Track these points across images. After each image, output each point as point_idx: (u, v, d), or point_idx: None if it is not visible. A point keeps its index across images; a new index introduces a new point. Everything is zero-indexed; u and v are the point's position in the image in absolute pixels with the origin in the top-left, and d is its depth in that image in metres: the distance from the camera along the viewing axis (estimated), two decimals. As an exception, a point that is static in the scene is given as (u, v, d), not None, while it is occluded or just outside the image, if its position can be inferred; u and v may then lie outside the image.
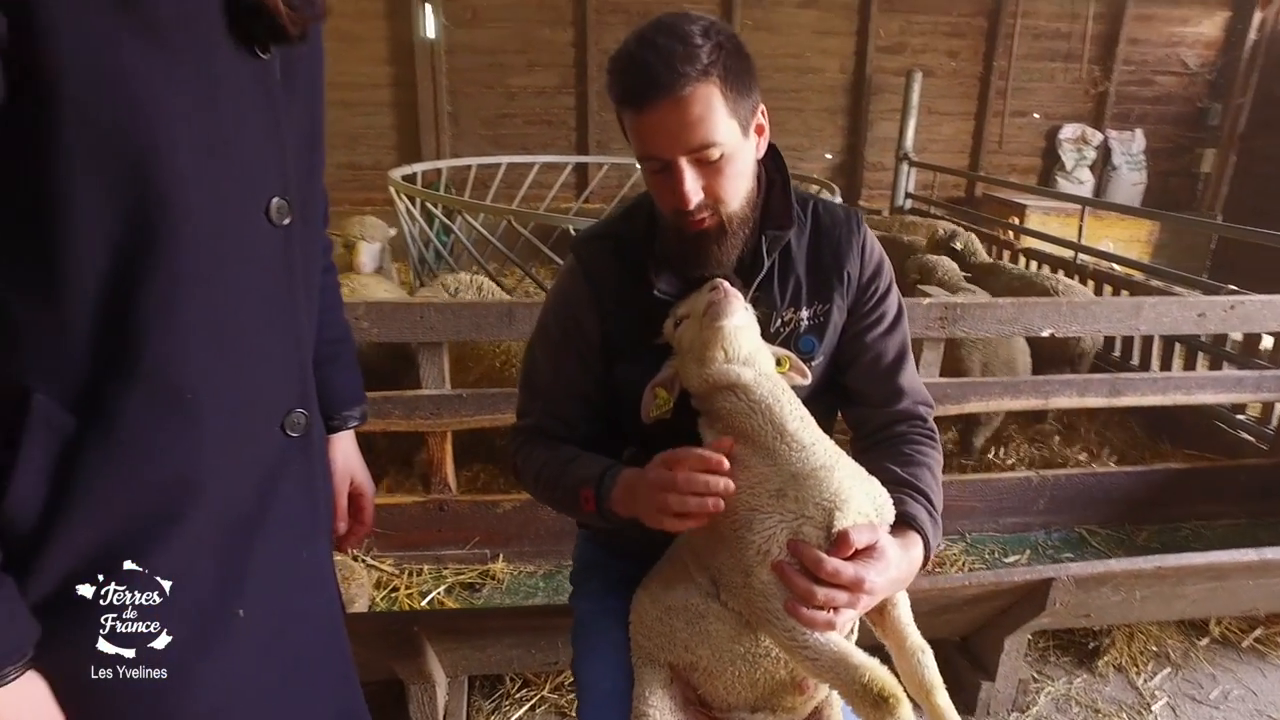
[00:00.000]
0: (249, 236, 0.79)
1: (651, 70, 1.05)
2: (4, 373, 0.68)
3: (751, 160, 1.19)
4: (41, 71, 0.62)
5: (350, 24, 7.05)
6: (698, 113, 1.06)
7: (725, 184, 1.13)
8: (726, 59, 1.08)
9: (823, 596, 0.99)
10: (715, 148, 1.09)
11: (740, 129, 1.13)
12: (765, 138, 1.23)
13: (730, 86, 1.09)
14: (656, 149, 1.10)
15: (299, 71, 0.85)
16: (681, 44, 1.05)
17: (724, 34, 1.11)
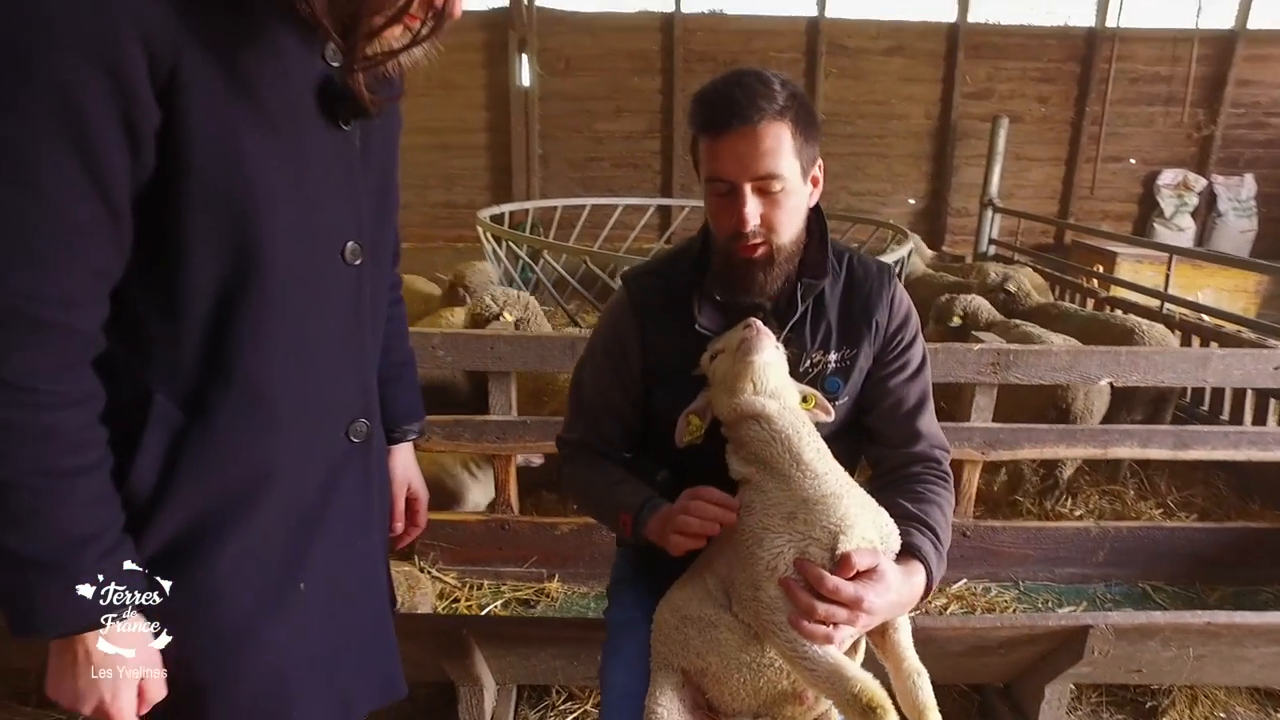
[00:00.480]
0: (326, 273, 0.97)
1: (735, 102, 1.19)
2: (134, 377, 0.87)
3: (804, 203, 1.30)
4: (178, 146, 0.81)
5: (452, 73, 7.58)
6: (768, 145, 1.20)
7: (780, 216, 1.25)
8: (799, 108, 1.22)
9: (823, 612, 1.07)
10: (778, 180, 1.22)
11: (801, 171, 1.25)
12: (819, 190, 1.35)
13: (799, 131, 1.22)
14: (726, 172, 1.22)
15: (375, 139, 1.04)
16: (764, 85, 1.20)
17: (798, 91, 1.25)
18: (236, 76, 0.82)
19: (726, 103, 1.19)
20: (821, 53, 7.21)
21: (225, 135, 0.83)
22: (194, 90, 0.79)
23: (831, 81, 7.33)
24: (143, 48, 0.75)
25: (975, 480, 2.64)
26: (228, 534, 0.93)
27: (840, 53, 7.29)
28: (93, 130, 0.75)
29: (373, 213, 1.04)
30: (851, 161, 7.52)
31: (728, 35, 7.32)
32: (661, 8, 7.33)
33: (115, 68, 0.74)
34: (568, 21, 7.42)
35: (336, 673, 1.06)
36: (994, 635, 1.89)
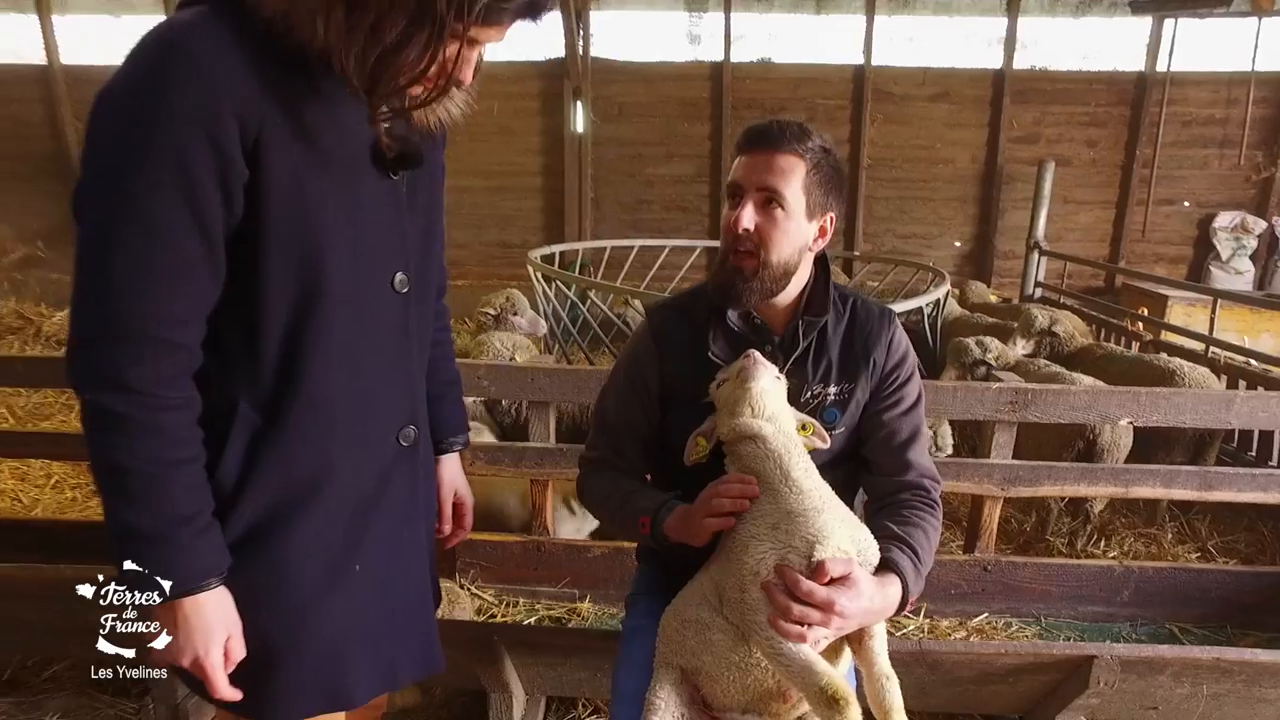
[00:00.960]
0: (378, 300, 1.17)
1: (771, 131, 1.41)
2: (222, 387, 1.07)
3: (803, 237, 1.45)
4: (259, 196, 1.01)
5: (510, 119, 7.98)
6: (781, 167, 1.39)
7: (774, 233, 1.41)
8: (824, 160, 1.42)
9: (797, 612, 1.20)
10: (779, 199, 1.39)
11: (807, 208, 1.42)
12: (825, 240, 1.51)
13: (814, 173, 1.41)
14: (741, 177, 1.42)
15: (420, 186, 1.23)
16: (802, 130, 1.41)
17: (833, 151, 1.46)
18: (306, 138, 1.02)
19: (765, 130, 1.41)
20: (868, 99, 7.37)
21: (295, 186, 1.02)
22: (273, 151, 1.00)
23: (877, 127, 7.48)
24: (237, 120, 0.96)
25: (996, 516, 2.70)
26: (296, 521, 1.11)
27: (886, 99, 7.45)
28: (198, 186, 0.95)
29: (418, 249, 1.23)
30: (897, 205, 7.62)
31: (775, 83, 7.55)
32: (711, 57, 7.61)
33: (216, 137, 0.95)
34: (622, 71, 7.76)
35: (385, 644, 1.23)
36: (999, 662, 1.96)
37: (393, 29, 0.96)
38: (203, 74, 0.94)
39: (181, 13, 0.99)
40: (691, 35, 7.63)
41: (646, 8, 7.64)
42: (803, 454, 1.35)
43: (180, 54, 0.94)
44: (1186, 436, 3.41)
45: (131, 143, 0.93)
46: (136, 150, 0.93)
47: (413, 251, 1.21)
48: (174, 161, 0.94)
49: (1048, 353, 4.39)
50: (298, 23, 0.94)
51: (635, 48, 7.76)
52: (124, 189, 0.94)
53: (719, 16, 7.45)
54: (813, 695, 1.18)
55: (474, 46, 1.06)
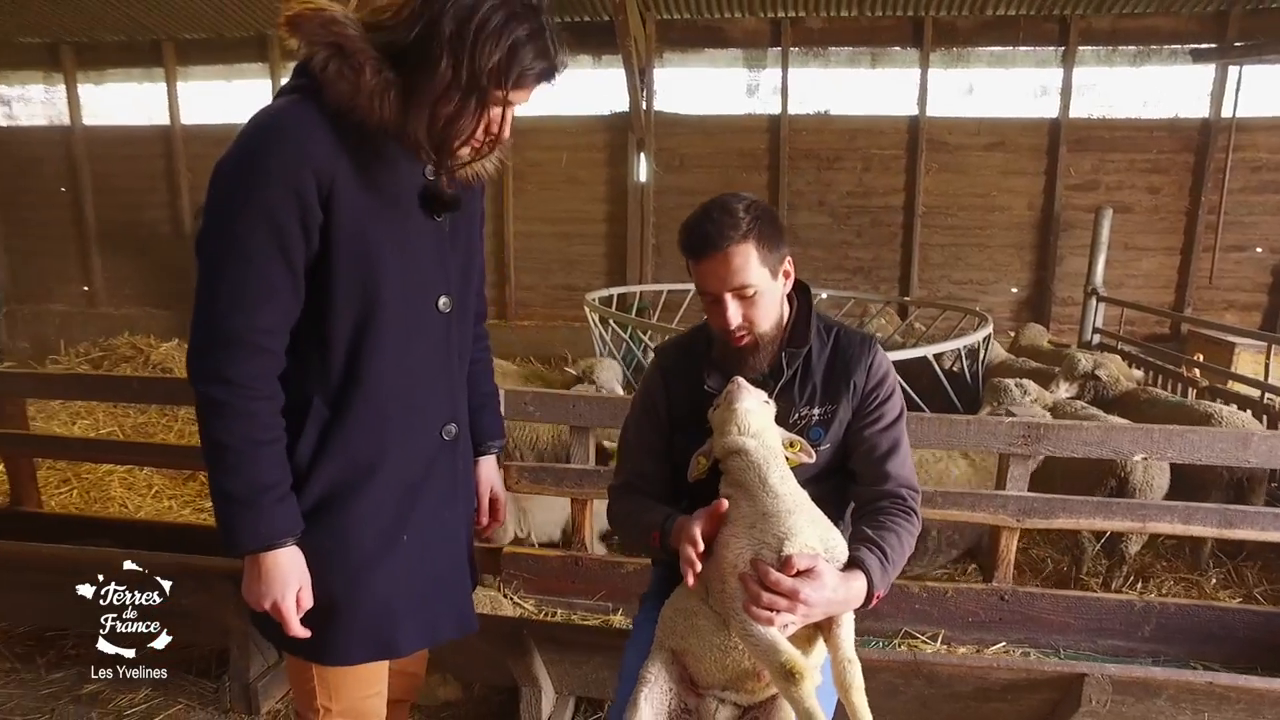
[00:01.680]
0: (424, 318, 1.44)
1: (706, 234, 1.55)
2: (299, 386, 1.36)
3: (779, 296, 1.65)
4: (330, 234, 1.29)
5: (577, 169, 8.45)
6: (737, 263, 1.54)
7: (758, 313, 1.61)
8: (761, 226, 1.57)
9: (766, 599, 1.39)
10: (750, 288, 1.57)
11: (770, 274, 1.60)
12: (791, 280, 1.71)
13: (762, 245, 1.56)
14: (709, 287, 1.59)
15: (460, 226, 1.51)
16: (729, 216, 1.54)
17: (761, 209, 1.60)
18: (367, 189, 1.31)
19: (701, 235, 1.53)
20: (922, 149, 7.53)
21: (358, 227, 1.31)
22: (341, 199, 1.29)
23: (932, 175, 7.61)
24: (314, 177, 1.25)
25: (1013, 547, 2.78)
26: (354, 497, 1.38)
27: (941, 148, 7.58)
28: (284, 228, 1.24)
29: (459, 278, 1.51)
30: (952, 251, 7.69)
31: (831, 134, 7.79)
32: (769, 110, 7.92)
33: (299, 190, 1.24)
34: (683, 123, 8.14)
35: (428, 605, 1.48)
36: (993, 676, 2.07)
37: (449, 103, 1.25)
38: (289, 144, 1.24)
39: (279, 99, 1.31)
40: (750, 89, 7.96)
41: (708, 64, 8.03)
42: (780, 465, 1.54)
43: (273, 131, 1.25)
44: (1224, 479, 3.41)
45: (236, 198, 1.24)
46: (239, 204, 1.24)
47: (454, 280, 1.48)
48: (266, 211, 1.23)
49: (1091, 396, 4.41)
50: (361, 105, 1.23)
51: (696, 101, 8.13)
52: (229, 232, 1.24)
53: (776, 72, 7.78)
54: (774, 670, 1.36)
55: (509, 108, 1.35)
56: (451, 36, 1.21)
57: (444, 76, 1.22)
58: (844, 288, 7.76)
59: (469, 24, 1.21)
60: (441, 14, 1.21)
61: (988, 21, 7.34)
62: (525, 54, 1.27)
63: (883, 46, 7.56)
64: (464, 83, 1.23)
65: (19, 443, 3.39)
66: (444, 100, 1.25)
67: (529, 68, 1.28)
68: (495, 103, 1.28)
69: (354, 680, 1.45)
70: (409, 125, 1.25)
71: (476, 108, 1.27)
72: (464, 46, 1.21)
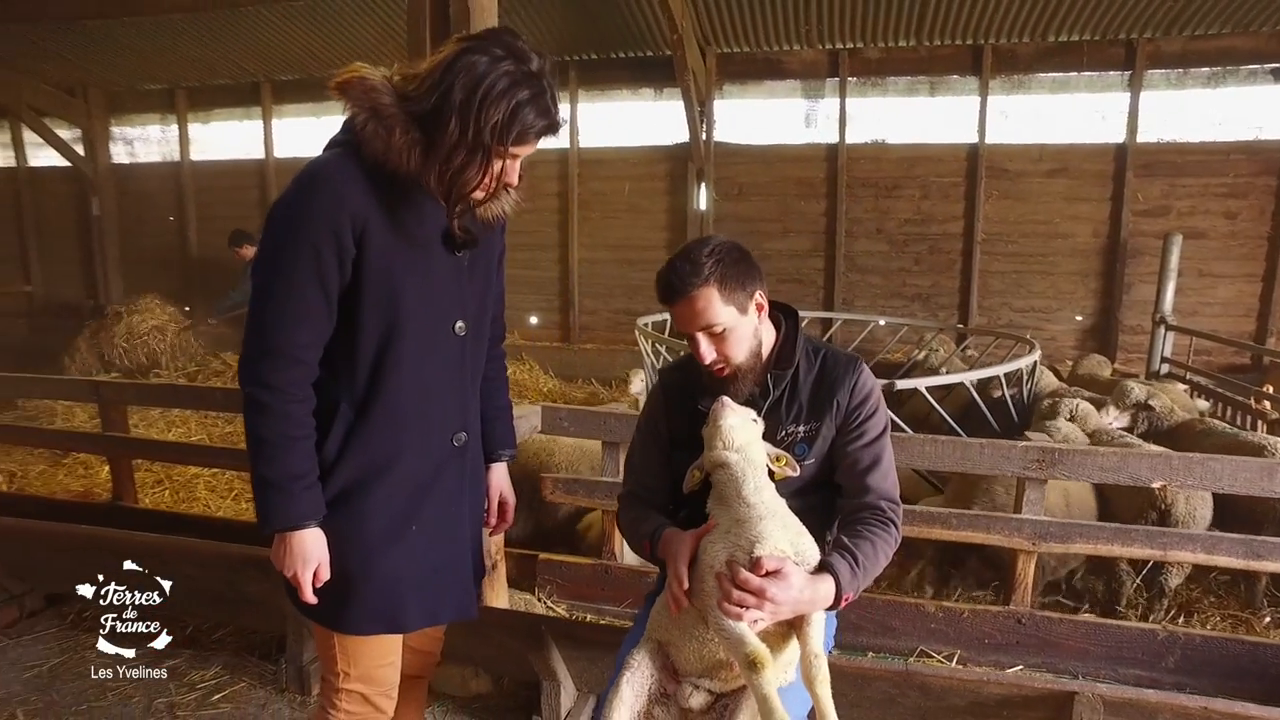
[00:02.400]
0: (441, 339, 1.67)
1: (671, 284, 1.72)
2: (329, 393, 1.59)
3: (750, 329, 1.78)
4: (360, 267, 1.53)
5: (639, 199, 8.73)
6: (701, 306, 1.70)
7: (728, 348, 1.76)
8: (723, 269, 1.71)
9: (736, 596, 1.53)
10: (717, 325, 1.72)
11: (738, 310, 1.74)
12: (764, 311, 1.85)
13: (724, 287, 1.71)
14: (682, 327, 1.78)
15: (479, 260, 1.74)
16: (691, 265, 1.70)
17: (725, 252, 1.73)
18: (395, 229, 1.54)
19: (666, 284, 1.72)
20: (981, 176, 7.48)
21: (385, 261, 1.54)
22: (372, 238, 1.53)
23: (992, 203, 7.54)
24: (349, 219, 1.49)
25: (1030, 570, 2.81)
26: (370, 490, 1.60)
27: (1001, 176, 7.52)
28: (324, 263, 1.49)
29: (475, 306, 1.73)
30: (1014, 279, 7.58)
31: (888, 163, 7.83)
32: (827, 139, 8.03)
33: (336, 231, 1.49)
34: (742, 153, 8.32)
35: (431, 590, 1.69)
36: (985, 691, 2.13)
37: (457, 158, 1.49)
38: (330, 192, 1.49)
39: (326, 152, 1.57)
40: (808, 119, 8.09)
41: (766, 96, 8.21)
42: (758, 476, 1.68)
43: (319, 180, 1.50)
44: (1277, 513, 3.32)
45: (285, 235, 1.50)
46: (287, 240, 1.49)
47: (470, 307, 1.71)
48: (309, 246, 1.49)
49: (1146, 427, 4.33)
50: (391, 160, 1.47)
51: (755, 131, 8.31)
52: (277, 263, 1.50)
53: (834, 102, 7.89)
54: (740, 660, 1.51)
55: (515, 159, 1.57)
56: (460, 103, 1.44)
57: (453, 135, 1.45)
58: (902, 314, 7.74)
59: (476, 91, 1.44)
60: (454, 84, 1.44)
61: (1049, 48, 7.28)
62: (526, 114, 1.49)
63: (941, 75, 7.58)
64: (469, 141, 1.46)
65: (121, 445, 3.82)
66: (454, 155, 1.48)
67: (530, 125, 1.50)
68: (499, 156, 1.51)
69: (368, 650, 1.67)
70: (426, 176, 1.49)
71: (482, 161, 1.49)
72: (470, 110, 1.44)
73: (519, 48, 1.48)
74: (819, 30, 7.44)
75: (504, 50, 1.47)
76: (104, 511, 3.66)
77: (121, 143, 10.65)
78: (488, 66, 1.45)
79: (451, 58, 1.46)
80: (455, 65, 1.45)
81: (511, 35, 1.51)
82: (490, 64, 1.45)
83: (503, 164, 1.54)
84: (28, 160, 11.02)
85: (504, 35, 1.50)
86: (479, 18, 2.56)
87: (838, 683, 2.13)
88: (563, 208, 8.93)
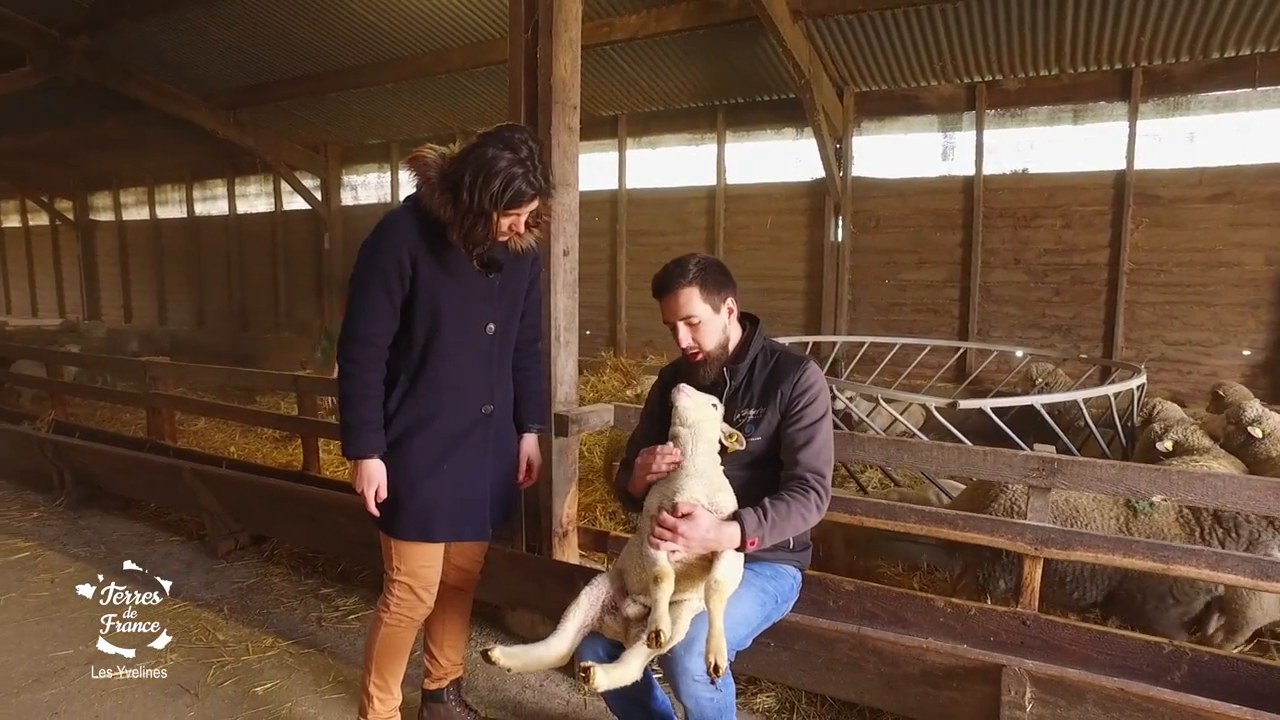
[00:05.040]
0: (474, 337, 2.35)
1: (661, 281, 2.34)
2: (394, 369, 2.31)
3: (720, 325, 2.35)
4: (413, 285, 2.25)
5: (780, 231, 9.16)
6: (682, 301, 2.31)
7: (702, 336, 2.34)
8: (704, 276, 2.31)
9: (657, 531, 2.07)
10: (694, 318, 2.31)
11: (712, 309, 2.32)
12: (734, 314, 2.40)
13: (703, 288, 2.30)
14: (667, 318, 2.37)
15: (509, 282, 2.41)
16: (680, 268, 2.31)
17: (707, 264, 2.33)
18: (438, 260, 2.25)
19: (660, 281, 2.32)
20: (1128, 204, 7.16)
21: (430, 282, 2.25)
22: (421, 266, 2.24)
23: (1142, 231, 7.17)
24: (409, 252, 2.22)
25: (1037, 574, 2.94)
26: (416, 437, 2.30)
27: (1152, 202, 7.14)
28: (390, 281, 2.22)
29: (504, 314, 2.40)
30: (1167, 310, 7.12)
31: (1029, 193, 7.69)
32: (964, 171, 8.04)
33: (399, 259, 2.22)
34: (879, 187, 8.52)
35: (456, 515, 2.36)
36: (929, 659, 2.42)
37: (468, 220, 2.16)
38: (395, 233, 2.23)
39: (400, 206, 2.30)
40: (945, 152, 8.15)
41: (903, 131, 8.37)
42: (699, 446, 2.20)
43: (387, 225, 2.25)
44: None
45: (366, 262, 2.25)
46: (367, 264, 2.24)
47: (500, 315, 2.38)
48: (381, 269, 2.22)
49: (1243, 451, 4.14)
50: (434, 212, 2.18)
51: (892, 166, 8.49)
52: (361, 280, 2.25)
53: (971, 134, 7.90)
54: (650, 575, 2.03)
55: (518, 216, 2.22)
56: (470, 180, 2.12)
57: (464, 203, 2.13)
58: (1040, 345, 7.53)
59: (481, 172, 2.11)
60: (467, 167, 2.13)
61: (1212, 65, 6.87)
62: (518, 184, 2.14)
63: (1085, 102, 7.37)
64: (475, 207, 2.13)
65: (310, 427, 4.92)
66: (465, 218, 2.15)
67: (521, 193, 2.15)
68: (503, 216, 2.17)
69: (413, 553, 2.36)
70: (451, 232, 2.18)
71: (485, 222, 2.16)
72: (475, 185, 2.11)
73: (514, 140, 2.14)
74: (954, 66, 7.55)
75: (502, 144, 2.13)
76: (296, 477, 4.75)
77: (349, 188, 12.76)
78: (489, 155, 2.11)
79: (470, 149, 2.15)
80: (470, 155, 2.14)
81: (511, 131, 2.17)
82: (492, 154, 2.12)
83: (509, 220, 2.19)
84: (282, 205, 13.50)
85: (505, 132, 2.16)
86: (559, 93, 3.24)
87: (809, 644, 2.57)
88: (709, 240, 9.55)
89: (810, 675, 2.70)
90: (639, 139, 10.06)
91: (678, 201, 9.80)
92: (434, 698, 2.62)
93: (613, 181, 10.09)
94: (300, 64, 9.81)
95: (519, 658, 2.08)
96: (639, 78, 8.93)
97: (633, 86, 9.18)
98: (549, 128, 3.14)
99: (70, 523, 5.05)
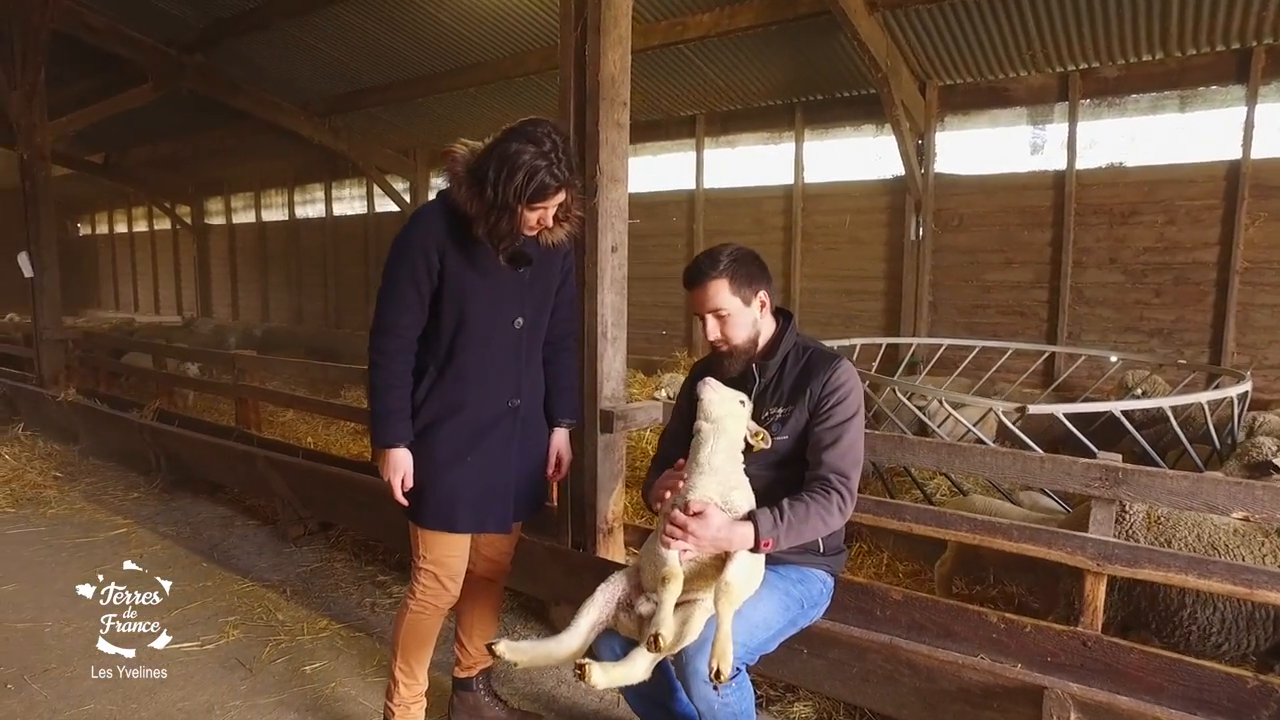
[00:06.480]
0: (501, 330, 2.37)
1: (691, 272, 2.29)
2: (422, 359, 2.36)
3: (750, 319, 2.28)
4: (441, 279, 2.29)
5: (859, 230, 8.91)
6: (711, 293, 2.25)
7: (729, 330, 2.29)
8: (735, 268, 2.26)
9: (669, 529, 2.04)
10: (722, 310, 2.26)
11: (742, 303, 2.26)
12: (767, 309, 2.33)
13: (734, 281, 2.25)
14: (696, 310, 2.33)
15: (539, 275, 2.42)
16: (711, 260, 2.25)
17: (739, 256, 2.26)
18: (466, 253, 2.28)
19: (690, 273, 2.27)
20: (1243, 196, 6.57)
21: (458, 275, 2.28)
22: (449, 259, 2.28)
23: (1258, 226, 6.56)
24: (436, 245, 2.26)
25: (1100, 592, 2.73)
26: (442, 427, 2.34)
27: (1272, 195, 6.51)
28: (418, 273, 2.27)
29: (534, 308, 2.41)
30: (1287, 311, 6.52)
31: (1126, 187, 7.18)
32: (1054, 166, 7.59)
33: (427, 252, 2.26)
34: (963, 184, 8.16)
35: (478, 505, 2.39)
36: (966, 676, 2.29)
37: (492, 214, 2.18)
38: (425, 228, 2.27)
39: (431, 201, 2.35)
40: (1035, 146, 7.72)
41: (989, 125, 7.98)
42: (720, 443, 2.14)
43: (417, 220, 2.30)
44: None
45: (397, 255, 2.30)
46: (398, 257, 2.29)
47: (528, 308, 2.39)
48: (410, 263, 2.27)
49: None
50: (461, 206, 2.21)
51: (976, 162, 8.11)
52: (391, 273, 2.30)
53: (1063, 126, 7.46)
54: (661, 574, 2.00)
55: (541, 211, 2.22)
56: (494, 175, 2.13)
57: (489, 198, 2.15)
58: (1139, 350, 7.02)
59: (504, 166, 2.13)
60: (491, 162, 2.15)
61: (1345, 44, 6.24)
62: (541, 177, 2.14)
63: (1194, 87, 6.82)
64: (497, 202, 2.14)
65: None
66: (489, 212, 2.17)
67: (545, 185, 2.15)
68: (528, 209, 2.17)
69: (438, 542, 2.40)
70: (477, 227, 2.20)
71: (509, 216, 2.17)
72: (499, 180, 2.13)
73: (537, 134, 2.14)
74: (1046, 54, 7.15)
75: (525, 138, 2.14)
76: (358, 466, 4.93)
77: (436, 190, 13.17)
78: (512, 150, 2.12)
79: (494, 144, 2.17)
80: (495, 150, 2.16)
81: (534, 125, 2.17)
82: (515, 148, 2.13)
83: (535, 214, 2.20)
84: (374, 208, 14.10)
85: (528, 126, 2.17)
86: (608, 89, 3.24)
87: (842, 652, 2.48)
88: (786, 240, 9.38)
89: (845, 686, 2.61)
90: (717, 138, 9.98)
91: (755, 201, 9.67)
92: (463, 686, 2.66)
93: (690, 181, 10.05)
94: (387, 71, 10.21)
95: (525, 652, 2.08)
96: (715, 76, 8.85)
97: (709, 85, 9.11)
98: (597, 124, 3.14)
99: (164, 503, 5.42)
